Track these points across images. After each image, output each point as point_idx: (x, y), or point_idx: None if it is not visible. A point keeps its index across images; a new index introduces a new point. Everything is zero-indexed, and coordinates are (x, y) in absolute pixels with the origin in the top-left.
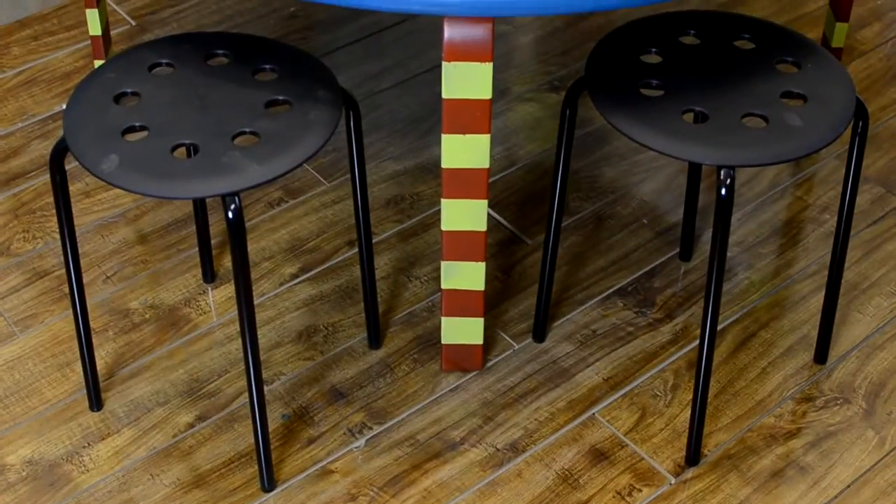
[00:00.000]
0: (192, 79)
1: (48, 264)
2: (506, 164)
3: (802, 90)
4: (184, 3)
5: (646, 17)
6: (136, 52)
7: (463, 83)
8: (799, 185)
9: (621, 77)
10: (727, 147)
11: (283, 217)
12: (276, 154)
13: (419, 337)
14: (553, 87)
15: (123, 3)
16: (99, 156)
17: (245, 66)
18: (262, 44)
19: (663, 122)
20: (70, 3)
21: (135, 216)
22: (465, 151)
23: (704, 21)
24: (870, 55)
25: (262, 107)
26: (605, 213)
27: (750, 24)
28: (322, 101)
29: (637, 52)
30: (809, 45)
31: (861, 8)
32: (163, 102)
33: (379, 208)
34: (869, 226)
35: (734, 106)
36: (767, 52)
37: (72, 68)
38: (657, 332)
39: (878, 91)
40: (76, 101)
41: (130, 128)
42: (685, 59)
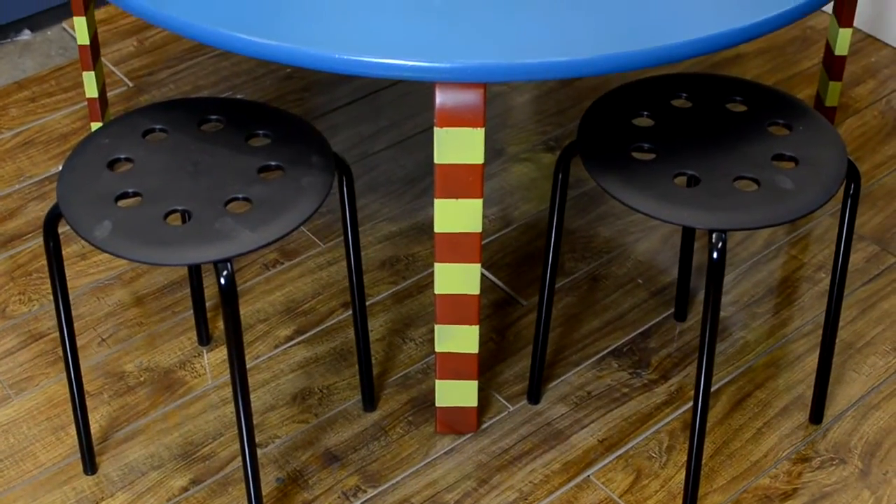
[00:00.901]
0: (186, 144)
1: (44, 327)
2: (501, 224)
3: (794, 153)
4: (180, 65)
5: (638, 80)
6: (130, 117)
7: (455, 148)
8: (794, 244)
9: (613, 141)
10: (719, 211)
11: (278, 279)
12: (268, 220)
13: (414, 399)
14: (548, 147)
15: (120, 64)
16: (92, 222)
17: (238, 132)
18: (255, 109)
19: (655, 186)
20: (67, 65)
21: (130, 278)
22: (458, 216)
23: (696, 84)
24: (864, 112)
25: (254, 172)
26: (599, 273)
27: (741, 87)
28: (315, 166)
29: (629, 115)
30: (801, 107)
31: (855, 66)
32: (156, 168)
33: (374, 270)
34: (864, 284)
35: (726, 169)
36: (759, 115)
37: (69, 129)
38: (652, 392)
39: (873, 149)
40: (70, 168)
41: (124, 194)
42: (677, 123)
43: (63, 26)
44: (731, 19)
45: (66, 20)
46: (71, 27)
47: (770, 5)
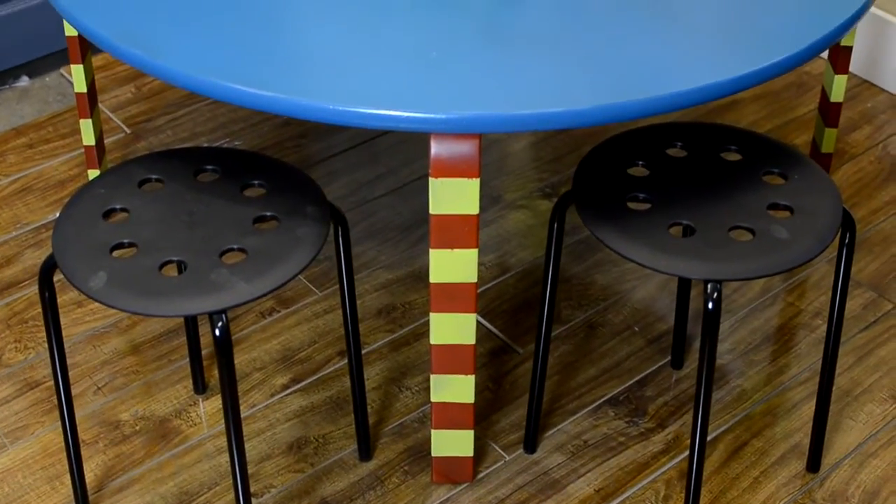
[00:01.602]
0: (181, 195)
1: (39, 375)
2: (497, 271)
3: (789, 202)
4: (178, 111)
5: (633, 129)
6: (126, 167)
7: (450, 199)
8: (790, 291)
9: (608, 191)
10: (714, 261)
11: (274, 327)
12: (263, 271)
13: (410, 448)
14: (545, 193)
15: (118, 110)
16: (87, 273)
17: (234, 182)
18: (250, 159)
19: (650, 236)
20: (65, 111)
21: (126, 326)
22: (454, 266)
23: (691, 132)
24: (860, 158)
25: (250, 223)
26: (596, 321)
27: (736, 136)
28: (310, 217)
29: (624, 164)
30: (796, 155)
31: (851, 111)
32: (152, 219)
33: (370, 318)
34: (861, 331)
35: (721, 219)
36: (754, 164)
37: (66, 176)
38: (649, 441)
39: (870, 194)
40: (65, 218)
41: (119, 244)
42: (672, 172)
43: (61, 72)
44: (727, 68)
45: (64, 66)
46: (69, 73)
47: (766, 54)
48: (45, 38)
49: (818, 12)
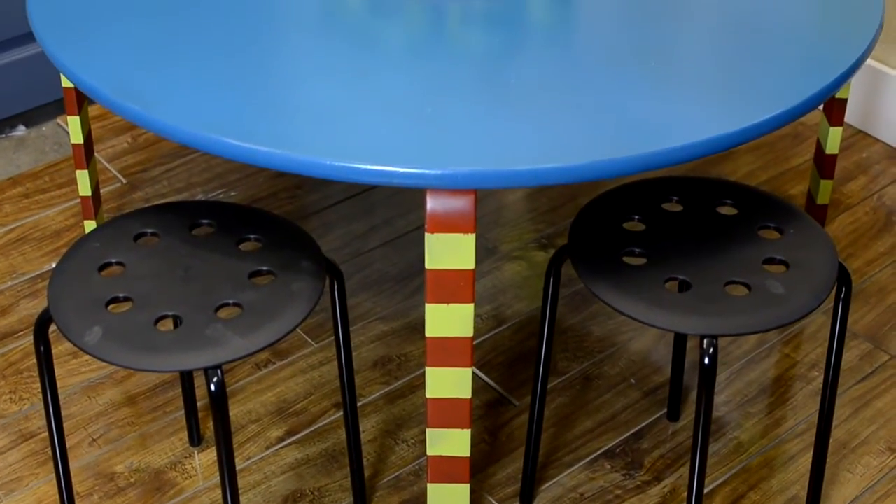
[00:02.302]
0: (177, 249)
1: (34, 426)
2: (494, 323)
3: (785, 257)
4: (174, 162)
5: (629, 183)
6: (122, 221)
7: (446, 254)
8: (787, 343)
9: (604, 245)
10: (709, 316)
11: (270, 378)
12: (258, 326)
13: (406, 501)
14: (541, 245)
15: (114, 160)
16: (82, 327)
17: (229, 236)
18: (246, 213)
19: (646, 291)
20: (62, 161)
21: (122, 378)
22: (449, 320)
23: (687, 187)
24: (856, 209)
25: (245, 277)
26: (592, 373)
27: (732, 190)
28: (305, 271)
29: (620, 219)
30: (791, 210)
31: (847, 161)
32: (147, 273)
33: (366, 370)
34: (858, 382)
35: (717, 274)
36: (750, 218)
37: (62, 226)
38: (645, 494)
39: (865, 245)
40: (61, 271)
41: (114, 299)
42: (668, 227)
43: (58, 122)
44: (722, 124)
45: (61, 116)
46: (65, 123)
47: (761, 109)
48: (42, 87)
49: (814, 66)
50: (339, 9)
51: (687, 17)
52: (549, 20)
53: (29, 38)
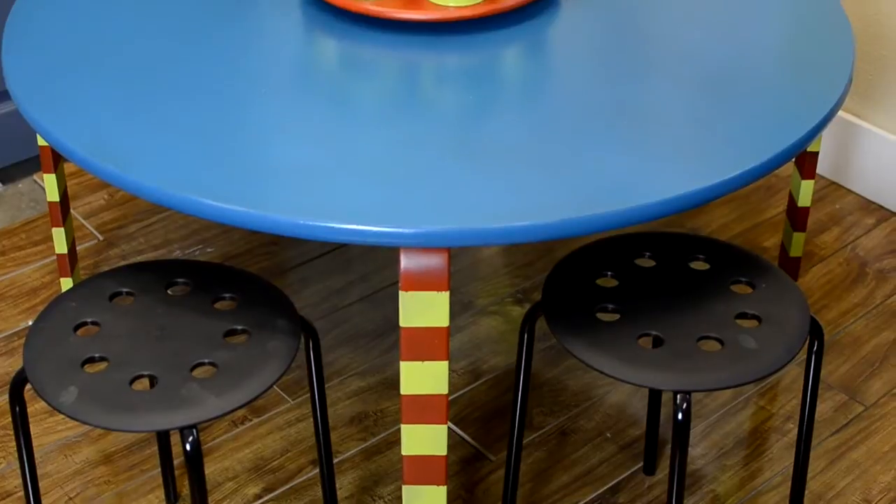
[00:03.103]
0: (153, 308)
1: (10, 485)
2: (470, 378)
3: (757, 311)
4: (150, 218)
5: (603, 239)
6: (98, 280)
7: (420, 312)
8: (762, 395)
9: (577, 302)
10: (682, 372)
11: (246, 435)
12: (233, 386)
13: None
14: (517, 300)
15: (91, 217)
16: (58, 388)
17: (205, 295)
18: (221, 272)
19: (619, 347)
20: (38, 218)
21: (98, 436)
22: (424, 378)
23: (660, 242)
24: (829, 260)
25: (220, 337)
26: (568, 427)
27: (704, 245)
28: (281, 330)
29: (593, 275)
30: (763, 264)
31: (820, 212)
32: (123, 332)
33: (343, 426)
34: (833, 434)
35: (690, 329)
36: (722, 273)
37: (38, 284)
38: None
39: (839, 296)
40: (36, 331)
41: (90, 358)
42: (641, 282)
43: (34, 179)
44: (694, 180)
45: (37, 173)
46: (42, 180)
47: (732, 165)
48: (18, 144)
49: (784, 121)
50: (314, 67)
51: (658, 73)
52: (523, 77)
53: (4, 96)
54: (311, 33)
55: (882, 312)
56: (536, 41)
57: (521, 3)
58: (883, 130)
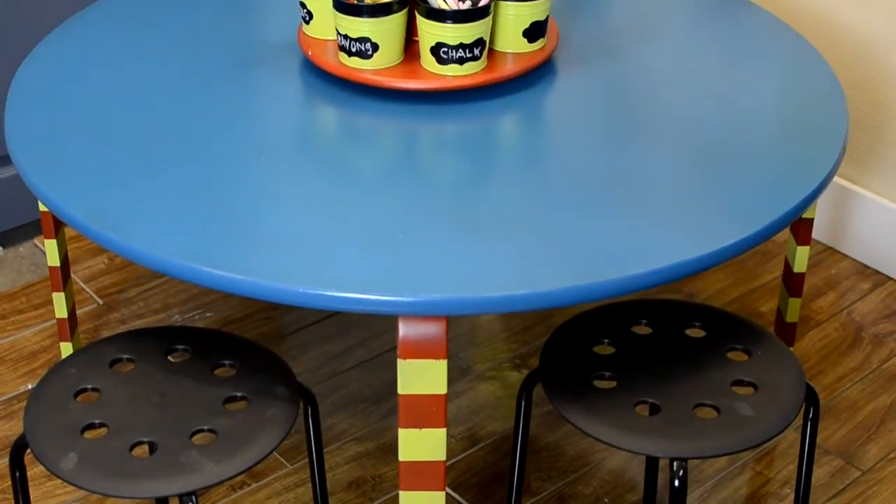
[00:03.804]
0: (152, 375)
1: None
2: (468, 444)
3: (753, 378)
4: (150, 283)
5: (599, 307)
6: (98, 346)
7: (418, 379)
8: (759, 460)
9: (574, 370)
10: (679, 439)
11: (245, 501)
12: (232, 453)
13: None
14: (515, 365)
15: (91, 281)
16: (58, 454)
17: (204, 362)
18: (221, 338)
19: (616, 415)
20: (38, 282)
21: (97, 500)
22: (422, 445)
23: (656, 310)
24: (825, 325)
25: (220, 403)
26: (566, 492)
27: (700, 312)
28: (279, 397)
29: (590, 343)
30: (759, 331)
31: (815, 277)
32: (122, 399)
33: (341, 491)
34: (830, 499)
35: (686, 396)
36: (718, 340)
37: (38, 348)
38: None
39: (835, 361)
40: (37, 397)
41: (90, 425)
42: (637, 350)
43: (35, 242)
44: (690, 248)
45: (38, 236)
46: (42, 244)
47: (728, 233)
48: (19, 208)
49: (780, 189)
50: (313, 135)
51: (653, 141)
52: (520, 146)
53: (6, 160)
54: (310, 101)
55: (878, 377)
56: (533, 109)
57: (518, 72)
58: (878, 196)
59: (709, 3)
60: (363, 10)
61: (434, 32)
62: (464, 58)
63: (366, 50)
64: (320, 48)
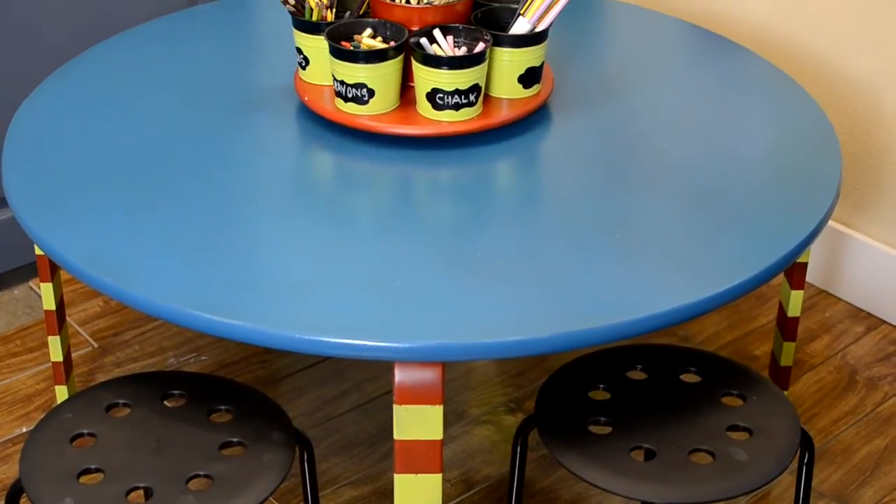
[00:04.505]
0: (148, 420)
1: None
2: (463, 488)
3: (748, 423)
4: (145, 326)
5: (595, 352)
6: (94, 391)
7: (414, 425)
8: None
9: (570, 415)
10: (674, 485)
11: None
12: (228, 498)
13: None
14: (510, 409)
15: (86, 324)
16: (54, 499)
17: (200, 407)
18: (217, 384)
19: (612, 460)
20: (33, 324)
21: None
22: (418, 490)
23: (651, 355)
24: (820, 368)
25: (216, 449)
26: None
27: (695, 358)
28: (275, 443)
29: (585, 388)
30: (753, 376)
31: (810, 321)
32: (118, 444)
33: None
34: None
35: (681, 442)
36: (713, 385)
37: (33, 391)
38: None
39: (830, 404)
40: (33, 442)
41: (86, 470)
42: (632, 395)
43: (30, 285)
44: (685, 294)
45: (33, 279)
46: (38, 286)
47: (723, 279)
48: (15, 250)
49: (774, 235)
50: (309, 180)
51: (648, 186)
52: (516, 191)
53: (2, 203)
54: (307, 146)
55: (873, 420)
56: (529, 155)
57: (513, 118)
58: (871, 239)
59: (703, 47)
60: (359, 56)
61: (430, 78)
62: (459, 103)
63: (362, 96)
64: (317, 93)
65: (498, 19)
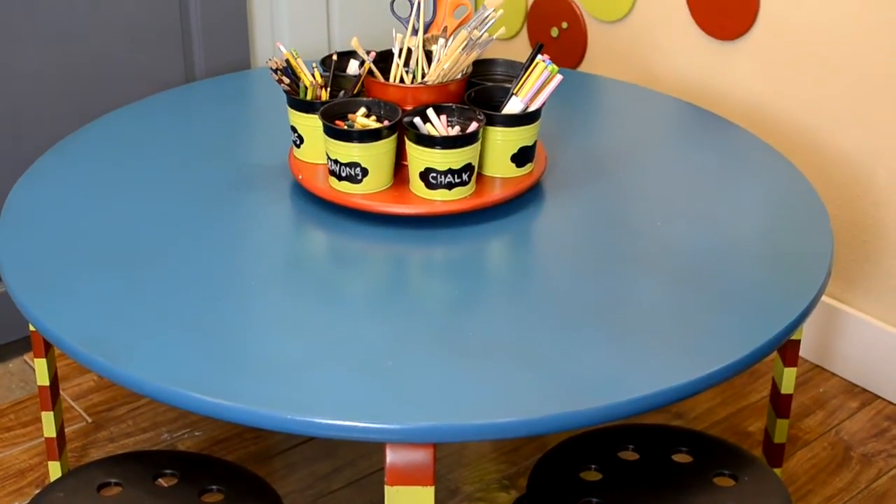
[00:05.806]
0: (140, 499)
1: None
2: None
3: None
4: (139, 401)
5: (587, 432)
6: (86, 470)
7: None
8: None
9: (562, 496)
10: None
11: None
12: None
13: None
14: (503, 486)
15: (80, 399)
16: None
17: (192, 487)
18: (208, 463)
19: None
20: (27, 399)
21: None
22: None
23: (643, 435)
24: (814, 444)
25: None
26: None
27: (687, 438)
28: None
29: (577, 469)
30: (746, 456)
31: (804, 396)
32: None
33: None
34: None
35: None
36: (705, 466)
37: (26, 466)
38: None
39: (824, 481)
40: None
41: None
42: (624, 475)
43: (24, 359)
44: (677, 374)
45: (28, 353)
46: (32, 360)
47: (715, 359)
48: (9, 325)
49: (766, 314)
50: (303, 259)
51: (641, 266)
52: (508, 271)
53: None
54: (300, 224)
55: (867, 497)
56: (522, 234)
57: (506, 197)
58: (864, 314)
59: (695, 125)
60: (353, 135)
61: (423, 158)
62: (452, 183)
63: (355, 174)
64: (311, 172)
65: (491, 98)
